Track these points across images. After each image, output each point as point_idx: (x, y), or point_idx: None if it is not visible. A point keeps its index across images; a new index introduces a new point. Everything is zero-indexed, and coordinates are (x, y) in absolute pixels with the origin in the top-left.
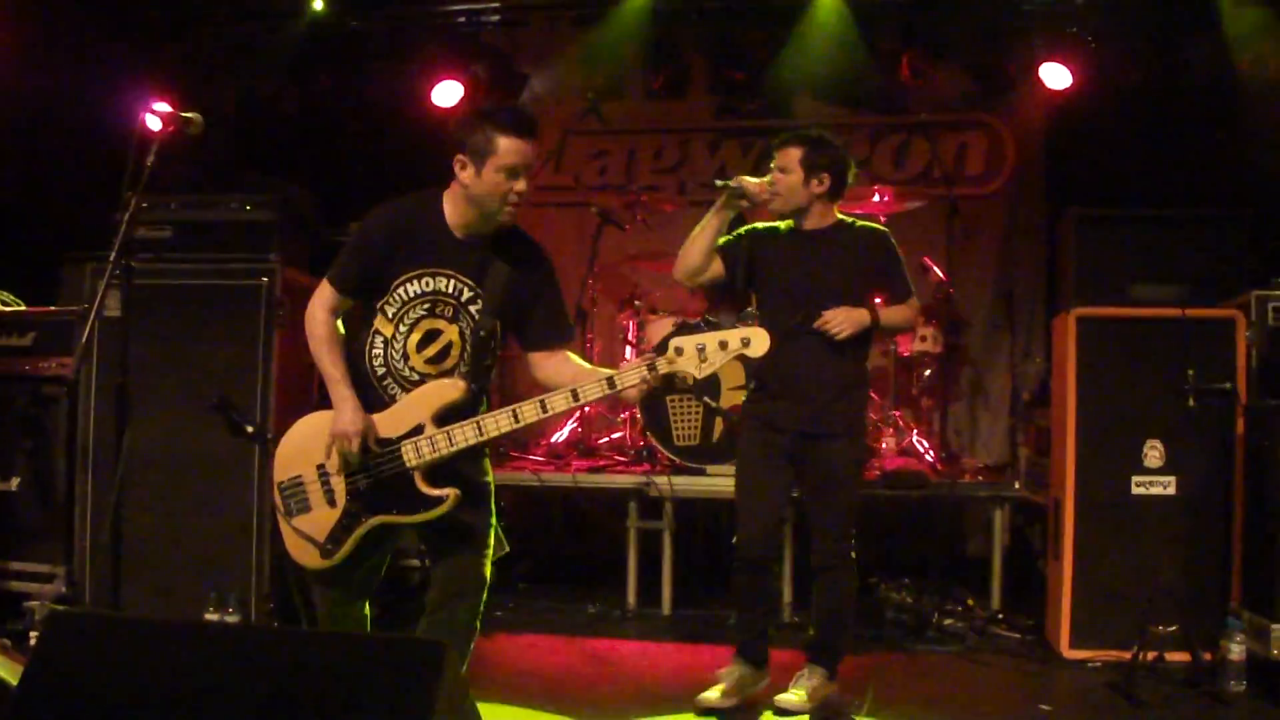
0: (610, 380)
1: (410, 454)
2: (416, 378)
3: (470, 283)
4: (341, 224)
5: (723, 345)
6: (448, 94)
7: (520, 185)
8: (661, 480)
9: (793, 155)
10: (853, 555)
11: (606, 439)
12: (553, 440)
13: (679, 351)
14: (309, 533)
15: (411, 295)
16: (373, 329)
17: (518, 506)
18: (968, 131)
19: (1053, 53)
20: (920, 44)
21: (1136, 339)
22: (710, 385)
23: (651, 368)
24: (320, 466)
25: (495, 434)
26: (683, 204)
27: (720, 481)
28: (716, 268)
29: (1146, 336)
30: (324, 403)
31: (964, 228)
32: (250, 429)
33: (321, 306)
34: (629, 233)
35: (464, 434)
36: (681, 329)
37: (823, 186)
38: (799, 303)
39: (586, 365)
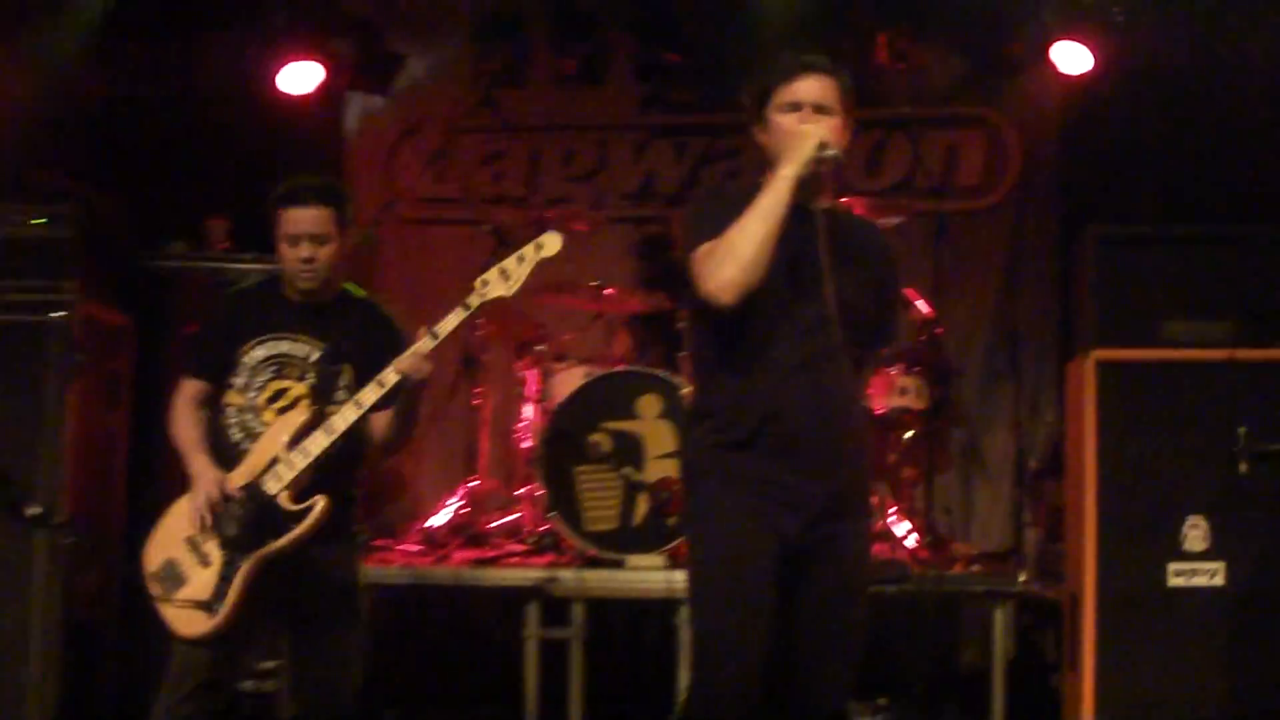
0: (432, 332)
1: (271, 483)
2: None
3: (314, 342)
4: (161, 243)
5: (520, 259)
6: (301, 78)
7: (304, 252)
8: (569, 575)
9: (832, 87)
10: None
11: (499, 522)
12: (429, 525)
13: (484, 283)
14: (191, 598)
15: (257, 360)
16: (223, 405)
17: (384, 610)
18: (961, 129)
19: (1069, 29)
20: (901, 18)
21: (1173, 389)
22: (632, 452)
23: (466, 305)
24: (189, 539)
25: (345, 426)
26: (600, 221)
27: (645, 577)
28: None
29: (1186, 386)
30: (141, 477)
31: (955, 251)
32: (33, 511)
33: (182, 401)
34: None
35: (315, 441)
36: (598, 381)
37: (846, 141)
38: (817, 316)
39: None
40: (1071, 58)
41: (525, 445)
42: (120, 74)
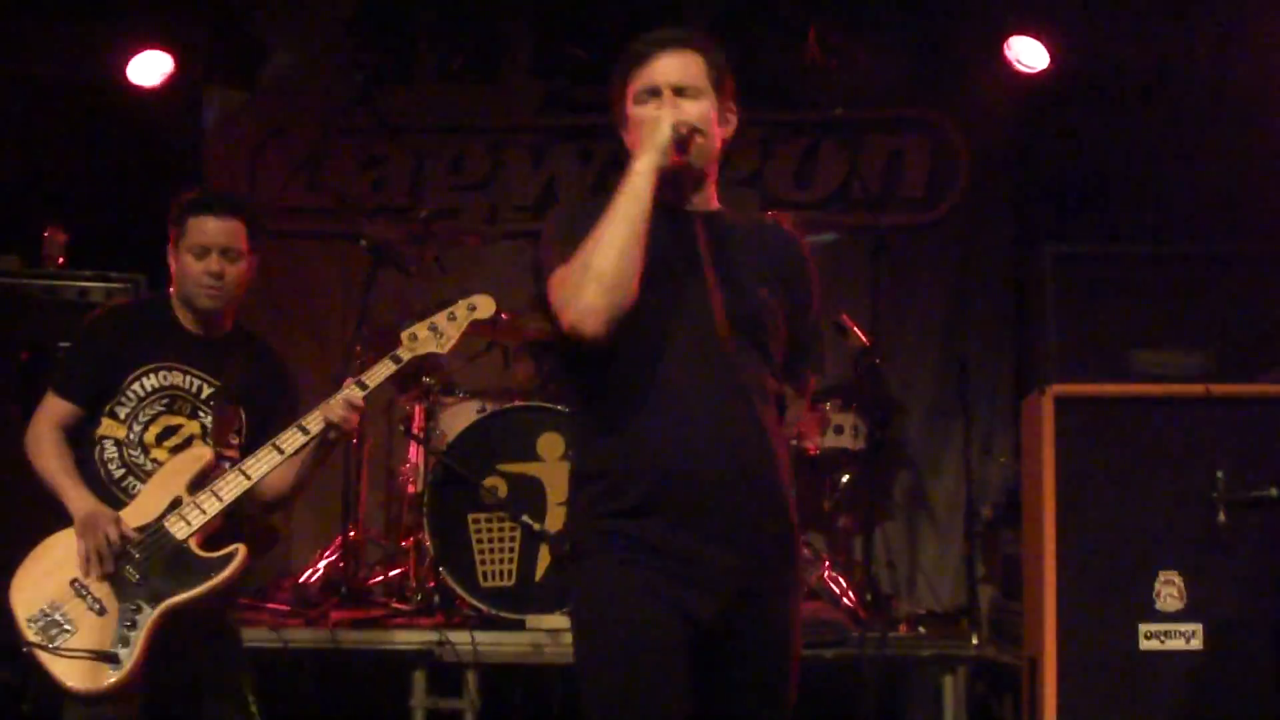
0: (360, 382)
1: (178, 527)
2: (154, 466)
3: (208, 378)
4: None
5: (451, 317)
6: (151, 69)
7: (213, 265)
8: (461, 638)
9: (697, 63)
10: None
11: (380, 578)
12: (301, 581)
13: (413, 338)
14: (88, 647)
15: (147, 391)
16: (97, 436)
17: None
18: (903, 134)
19: (1024, 23)
20: (834, 9)
21: (1142, 428)
22: (532, 498)
23: (396, 359)
24: (74, 582)
25: (265, 471)
26: (493, 236)
27: (547, 639)
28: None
29: (1157, 424)
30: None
31: (896, 271)
32: None
33: (50, 424)
34: (415, 277)
35: (229, 484)
36: (493, 417)
37: (730, 129)
38: (711, 343)
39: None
40: (1027, 54)
41: (410, 490)
42: None
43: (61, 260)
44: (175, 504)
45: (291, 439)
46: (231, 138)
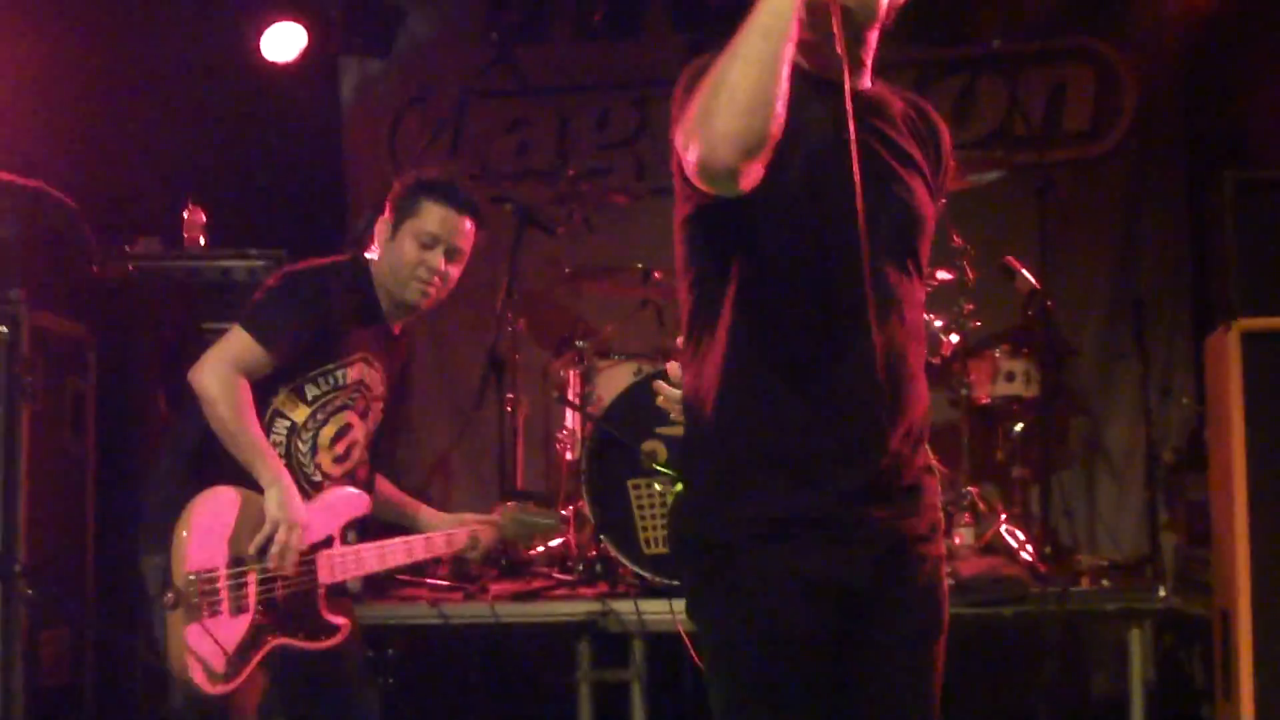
0: (473, 538)
1: (324, 569)
2: (319, 478)
3: (385, 378)
4: (125, 240)
5: (541, 528)
6: (285, 42)
7: (439, 261)
8: (625, 607)
9: None
10: None
11: (541, 548)
12: None
13: (518, 523)
14: (217, 640)
15: (347, 382)
16: (272, 408)
17: (412, 655)
18: (1065, 65)
19: None
20: None
21: None
22: None
23: (475, 541)
24: (238, 560)
25: (393, 566)
26: (643, 194)
27: None
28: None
29: None
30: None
31: (1064, 209)
32: None
33: (235, 367)
34: (563, 239)
35: (370, 558)
36: (650, 379)
37: None
38: (850, 239)
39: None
40: None
41: (568, 457)
42: (70, 40)
43: (203, 240)
44: (327, 542)
45: (422, 547)
46: (370, 108)
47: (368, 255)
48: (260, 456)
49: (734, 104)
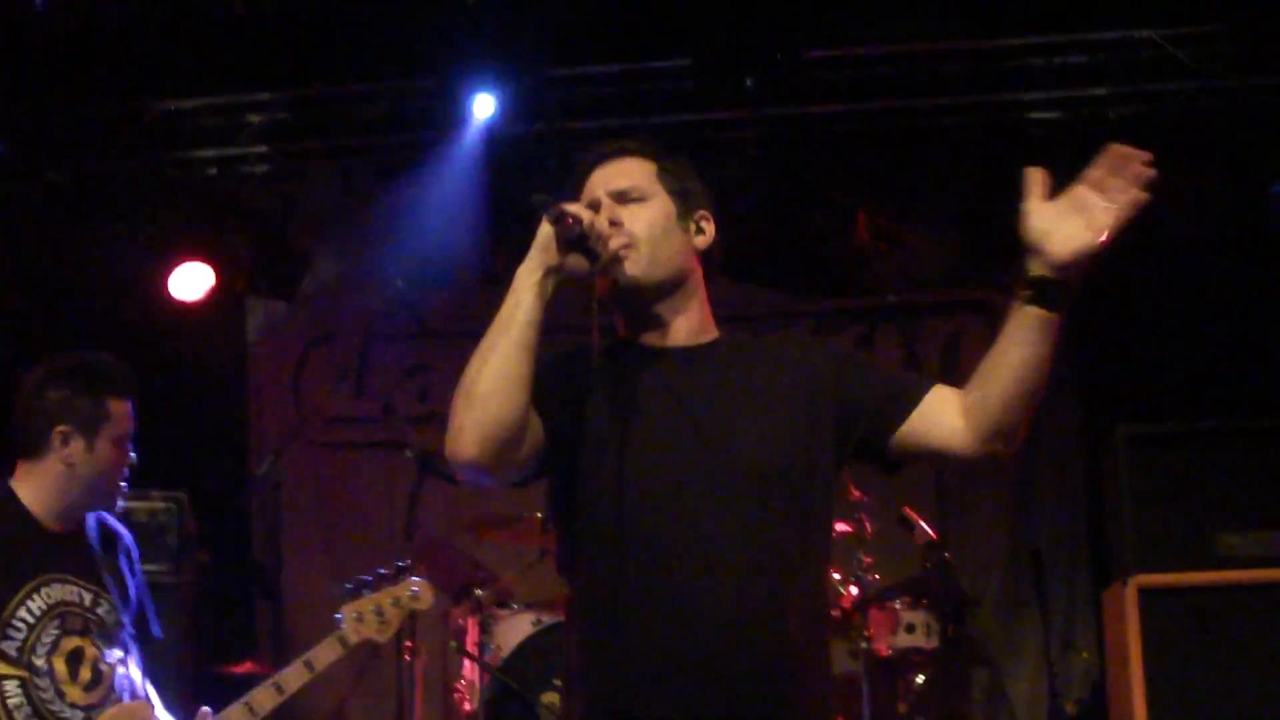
0: (307, 663)
1: None
2: (80, 716)
3: (86, 584)
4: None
5: (395, 602)
6: (192, 282)
7: (133, 458)
8: None
9: (642, 166)
10: None
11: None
12: None
13: (359, 618)
14: None
15: (36, 616)
16: None
17: None
18: (960, 316)
19: None
20: (883, 192)
21: (1234, 618)
22: None
23: (344, 641)
24: None
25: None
26: None
27: None
28: (534, 430)
29: (1249, 613)
30: None
31: None
32: None
33: None
34: (464, 487)
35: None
36: (550, 630)
37: (706, 239)
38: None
39: None
40: None
41: (466, 709)
42: None
43: None
44: None
45: (294, 676)
46: (275, 347)
47: (12, 485)
48: None
49: (468, 399)
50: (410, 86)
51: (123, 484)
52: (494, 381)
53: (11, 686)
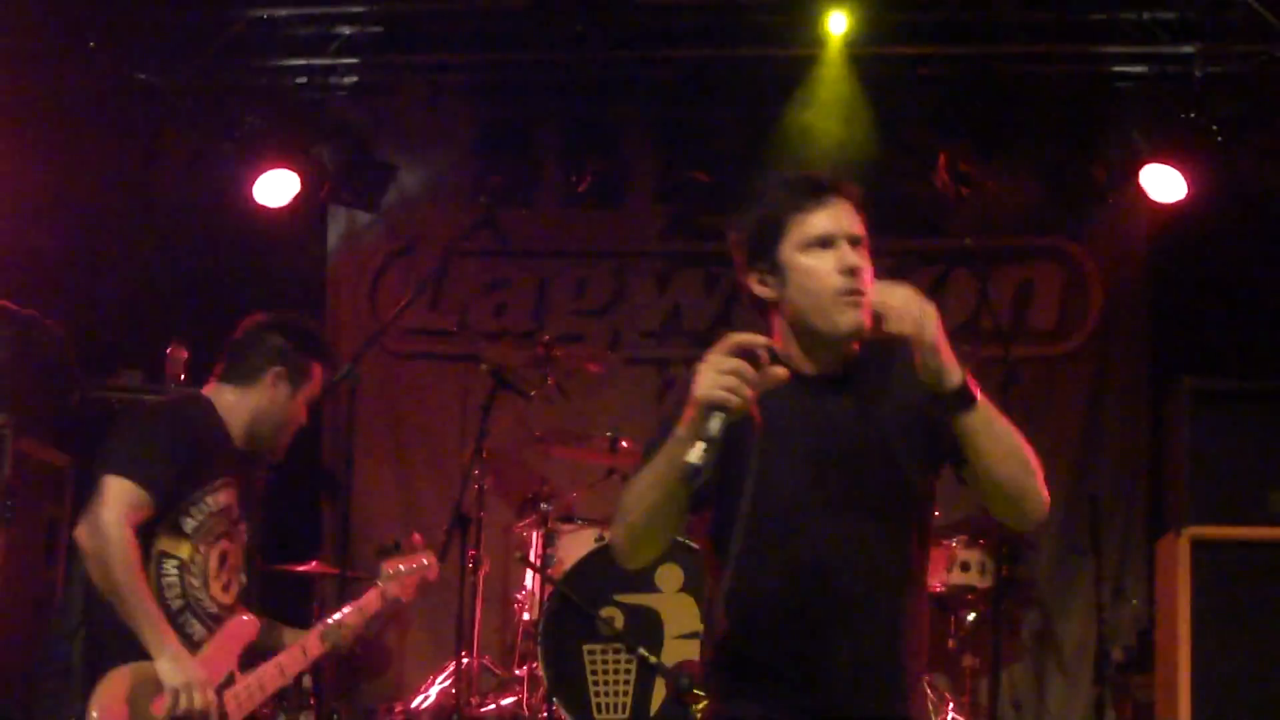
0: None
1: (233, 709)
2: (214, 610)
3: (241, 498)
4: (107, 372)
5: (412, 568)
6: (277, 189)
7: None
8: None
9: (855, 215)
10: None
11: (493, 706)
12: (412, 706)
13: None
14: None
15: (217, 508)
16: (157, 551)
17: None
18: (1035, 263)
19: (1160, 149)
20: (965, 135)
21: None
22: (648, 630)
23: (384, 595)
24: None
25: (295, 672)
26: (616, 363)
27: None
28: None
29: None
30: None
31: (1027, 404)
32: None
33: (125, 519)
34: (535, 402)
35: (271, 677)
36: (607, 547)
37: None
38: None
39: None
40: (1163, 183)
41: (525, 618)
42: (68, 178)
43: (183, 377)
44: (229, 680)
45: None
46: (355, 257)
47: (207, 394)
48: (147, 620)
49: (630, 533)
50: (498, 5)
51: (286, 441)
52: (648, 521)
53: (170, 566)
